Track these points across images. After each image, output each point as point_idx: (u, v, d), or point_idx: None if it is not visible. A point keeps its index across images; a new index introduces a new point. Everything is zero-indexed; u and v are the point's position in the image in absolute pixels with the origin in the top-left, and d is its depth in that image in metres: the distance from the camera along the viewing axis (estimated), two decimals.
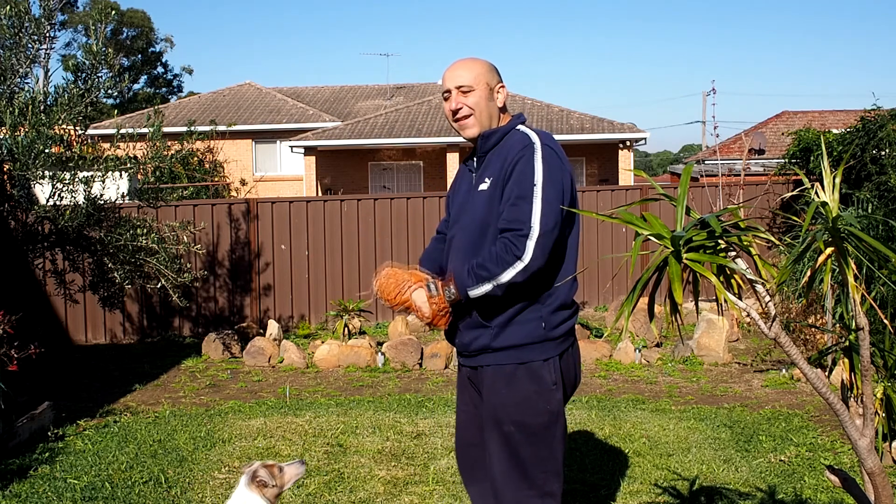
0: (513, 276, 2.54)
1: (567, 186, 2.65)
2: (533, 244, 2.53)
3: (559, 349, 2.68)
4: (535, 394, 2.63)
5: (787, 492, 4.17)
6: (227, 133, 20.31)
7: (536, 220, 2.54)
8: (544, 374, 2.64)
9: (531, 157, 2.61)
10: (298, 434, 5.37)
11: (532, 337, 2.63)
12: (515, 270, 2.54)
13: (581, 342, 7.94)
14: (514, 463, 2.65)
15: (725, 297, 2.04)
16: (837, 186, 2.09)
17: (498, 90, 2.76)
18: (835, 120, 25.45)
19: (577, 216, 2.73)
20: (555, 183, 2.59)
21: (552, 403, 2.65)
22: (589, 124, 20.79)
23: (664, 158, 69.72)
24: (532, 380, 2.63)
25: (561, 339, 2.68)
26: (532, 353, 2.63)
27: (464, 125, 2.73)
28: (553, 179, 2.59)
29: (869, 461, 2.15)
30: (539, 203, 2.55)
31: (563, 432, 2.71)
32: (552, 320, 2.65)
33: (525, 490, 2.65)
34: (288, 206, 10.02)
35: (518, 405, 2.63)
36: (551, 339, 2.65)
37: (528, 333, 2.63)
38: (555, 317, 2.65)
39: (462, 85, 2.71)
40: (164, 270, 7.02)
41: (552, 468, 2.66)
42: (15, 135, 6.12)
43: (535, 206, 2.55)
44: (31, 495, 4.30)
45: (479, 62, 2.77)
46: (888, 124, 9.06)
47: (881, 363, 3.08)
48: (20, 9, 6.28)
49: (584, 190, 11.30)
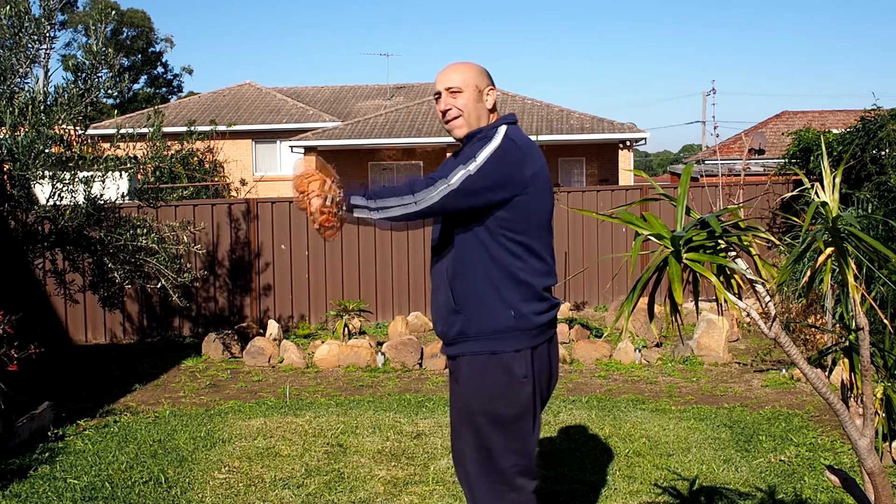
0: (396, 211, 2.57)
1: (516, 180, 2.64)
2: (436, 193, 2.57)
3: (532, 342, 2.70)
4: (506, 385, 2.67)
5: (787, 492, 4.18)
6: (227, 133, 20.31)
7: (457, 178, 2.59)
8: (515, 365, 2.67)
9: (484, 144, 2.68)
10: (298, 434, 5.37)
11: (503, 325, 2.66)
12: (402, 204, 2.57)
13: (581, 342, 7.96)
14: (486, 455, 2.69)
15: (725, 297, 2.04)
16: (837, 186, 2.10)
17: (487, 93, 2.83)
18: (835, 120, 25.45)
19: (548, 215, 2.76)
20: (498, 167, 2.62)
21: (522, 396, 2.68)
22: (589, 124, 20.79)
23: (664, 158, 69.72)
24: (503, 371, 2.67)
25: (534, 332, 2.70)
26: (504, 343, 2.67)
27: (453, 126, 2.81)
28: (497, 162, 2.63)
29: (869, 461, 2.15)
30: (471, 169, 2.60)
31: (535, 427, 2.75)
32: (522, 310, 2.67)
33: (496, 484, 2.69)
34: (288, 206, 10.02)
35: (489, 396, 2.68)
36: (523, 330, 2.68)
37: (498, 321, 2.67)
38: (526, 307, 2.68)
39: (451, 87, 2.80)
40: (164, 270, 7.02)
41: (524, 462, 2.71)
42: (15, 135, 6.12)
43: (465, 169, 2.60)
44: (31, 495, 4.30)
45: (469, 66, 2.86)
46: (888, 124, 9.06)
47: (881, 363, 3.09)
48: (20, 9, 6.28)
49: (584, 190, 11.30)
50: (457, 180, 2.59)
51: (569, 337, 8.54)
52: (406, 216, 2.59)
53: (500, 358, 2.68)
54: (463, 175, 2.60)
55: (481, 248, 2.68)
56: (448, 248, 2.76)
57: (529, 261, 2.70)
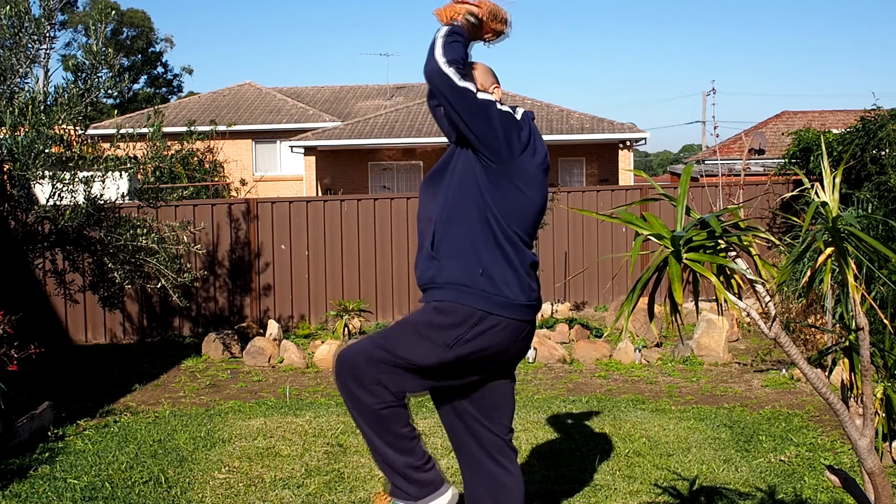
0: (434, 53, 2.73)
1: (509, 135, 2.72)
2: (455, 81, 2.69)
3: (496, 309, 2.69)
4: (448, 327, 2.68)
5: (787, 492, 4.18)
6: (227, 133, 20.30)
7: (476, 93, 2.71)
8: (467, 319, 2.68)
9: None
10: (298, 434, 5.37)
11: (470, 278, 2.69)
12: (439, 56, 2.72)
13: (581, 342, 7.96)
14: (382, 343, 2.72)
15: (725, 297, 2.04)
16: (837, 186, 2.10)
17: (492, 91, 2.86)
18: (835, 120, 25.44)
19: (536, 210, 2.80)
20: (499, 116, 2.71)
21: (451, 348, 2.68)
22: (589, 124, 20.78)
23: (664, 158, 69.69)
24: (455, 316, 2.69)
25: (499, 301, 2.70)
26: (466, 297, 2.69)
27: None
28: (500, 114, 2.72)
29: (869, 461, 2.15)
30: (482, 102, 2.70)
31: (432, 382, 2.76)
32: (491, 273, 2.70)
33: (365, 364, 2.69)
34: (288, 206, 10.02)
35: (429, 323, 2.72)
36: (486, 294, 2.69)
37: (467, 273, 2.70)
38: (498, 272, 2.70)
39: None
40: (164, 270, 7.02)
41: (396, 381, 2.70)
42: (15, 135, 6.12)
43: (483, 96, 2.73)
44: (31, 495, 4.30)
45: (475, 64, 2.91)
46: (888, 124, 9.06)
47: (881, 363, 3.09)
48: (20, 9, 6.28)
49: (584, 190, 11.31)
50: (467, 84, 2.69)
51: (569, 337, 8.54)
52: (433, 61, 2.71)
53: (458, 306, 2.69)
54: (482, 95, 2.71)
55: (475, 210, 2.72)
56: (445, 204, 2.79)
57: (515, 242, 2.75)
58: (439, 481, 2.84)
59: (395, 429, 2.74)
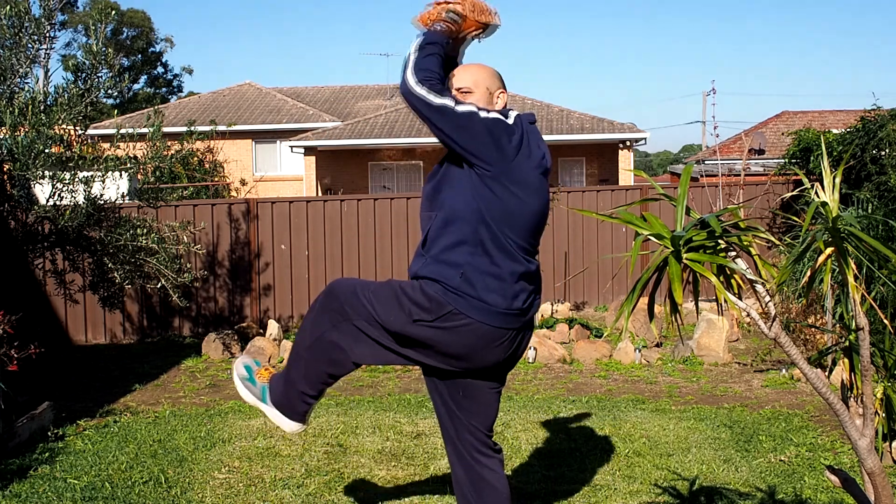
0: (409, 62, 2.76)
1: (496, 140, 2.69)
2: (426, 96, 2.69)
3: (464, 309, 2.68)
4: (419, 304, 2.70)
5: (787, 492, 4.18)
6: (227, 133, 20.30)
7: (444, 100, 2.69)
8: (436, 307, 2.69)
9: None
10: (298, 434, 5.36)
11: (450, 279, 2.69)
12: (411, 66, 2.75)
13: (581, 342, 7.96)
14: (374, 285, 2.82)
15: (725, 297, 2.04)
16: (837, 186, 2.10)
17: (498, 95, 2.87)
18: (835, 120, 25.45)
19: (534, 217, 2.78)
20: (483, 121, 2.69)
21: (415, 316, 2.70)
22: (589, 124, 20.79)
23: (664, 158, 69.69)
24: (430, 300, 2.70)
25: (472, 306, 2.68)
26: (446, 295, 2.71)
27: None
28: (481, 111, 2.71)
29: (869, 461, 2.15)
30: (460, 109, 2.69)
31: (391, 339, 2.79)
32: (471, 277, 2.68)
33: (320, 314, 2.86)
34: (288, 206, 10.02)
35: (410, 288, 2.75)
36: (464, 296, 2.68)
37: (447, 275, 2.69)
38: (474, 276, 2.68)
39: (462, 87, 2.83)
40: (164, 270, 7.02)
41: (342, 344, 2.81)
42: (15, 135, 6.11)
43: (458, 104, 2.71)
44: (31, 495, 4.30)
45: (481, 67, 2.90)
46: (888, 124, 9.06)
47: (881, 363, 3.08)
48: (20, 9, 6.27)
49: (584, 190, 11.30)
50: (443, 100, 2.69)
51: (569, 337, 8.54)
52: (404, 83, 2.74)
53: (436, 295, 2.69)
54: (461, 107, 2.70)
55: (468, 213, 2.71)
56: (441, 205, 2.78)
57: (507, 248, 2.72)
58: (301, 415, 2.99)
59: (322, 367, 2.88)
